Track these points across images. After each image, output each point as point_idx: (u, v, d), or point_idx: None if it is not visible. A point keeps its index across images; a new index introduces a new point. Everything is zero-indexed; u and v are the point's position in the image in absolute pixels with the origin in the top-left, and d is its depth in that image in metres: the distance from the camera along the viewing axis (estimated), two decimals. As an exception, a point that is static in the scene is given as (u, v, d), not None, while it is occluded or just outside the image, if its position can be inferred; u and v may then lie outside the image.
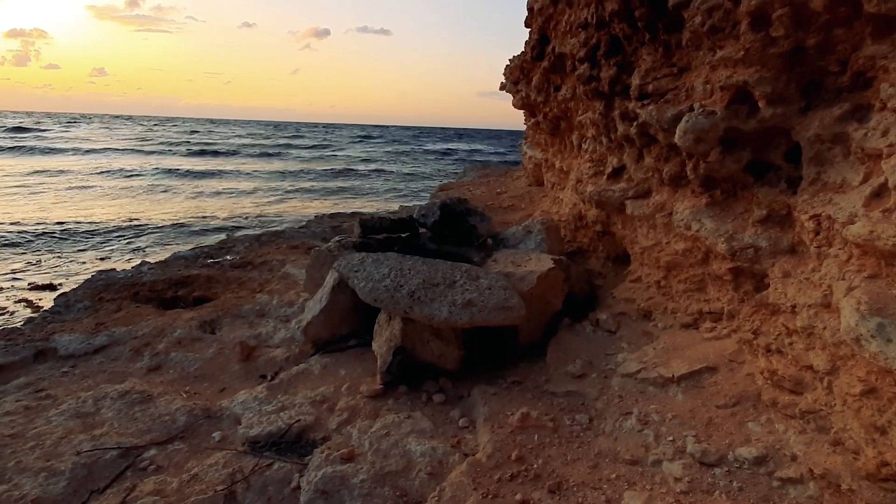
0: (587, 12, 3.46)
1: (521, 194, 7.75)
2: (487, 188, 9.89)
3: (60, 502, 2.35)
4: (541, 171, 7.51)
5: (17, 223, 10.87)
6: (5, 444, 2.70)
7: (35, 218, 11.45)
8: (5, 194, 14.43)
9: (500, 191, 8.64)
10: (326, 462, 2.40)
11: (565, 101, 4.60)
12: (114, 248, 9.52)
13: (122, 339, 4.26)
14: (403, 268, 3.24)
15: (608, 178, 3.65)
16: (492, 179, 11.91)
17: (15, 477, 2.44)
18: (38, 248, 9.25)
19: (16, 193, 14.72)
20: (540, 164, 7.25)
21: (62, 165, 21.64)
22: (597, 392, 2.63)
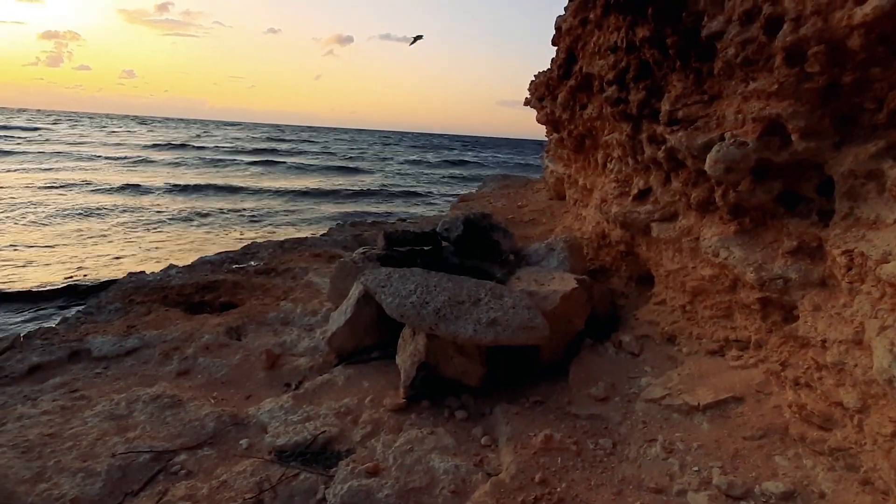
0: (617, 36, 3.50)
1: (542, 208, 7.76)
2: (508, 200, 9.92)
3: (97, 503, 2.44)
4: (562, 186, 7.52)
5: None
6: (45, 443, 2.81)
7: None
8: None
9: (521, 204, 8.67)
10: (352, 475, 2.46)
11: (591, 120, 4.63)
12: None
13: (153, 343, 4.38)
14: (429, 284, 3.29)
15: (634, 199, 3.67)
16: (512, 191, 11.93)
17: (55, 476, 2.53)
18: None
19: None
20: (562, 178, 7.27)
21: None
22: (620, 416, 2.64)
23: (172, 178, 20.71)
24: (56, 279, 8.07)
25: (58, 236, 10.71)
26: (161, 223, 12.84)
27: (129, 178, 19.54)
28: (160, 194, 17.13)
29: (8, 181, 17.50)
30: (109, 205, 14.40)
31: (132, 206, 14.71)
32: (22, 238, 10.33)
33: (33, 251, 9.48)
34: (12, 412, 3.22)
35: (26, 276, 8.08)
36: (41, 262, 8.93)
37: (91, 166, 23.27)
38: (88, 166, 23.23)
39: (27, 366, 3.92)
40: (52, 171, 20.61)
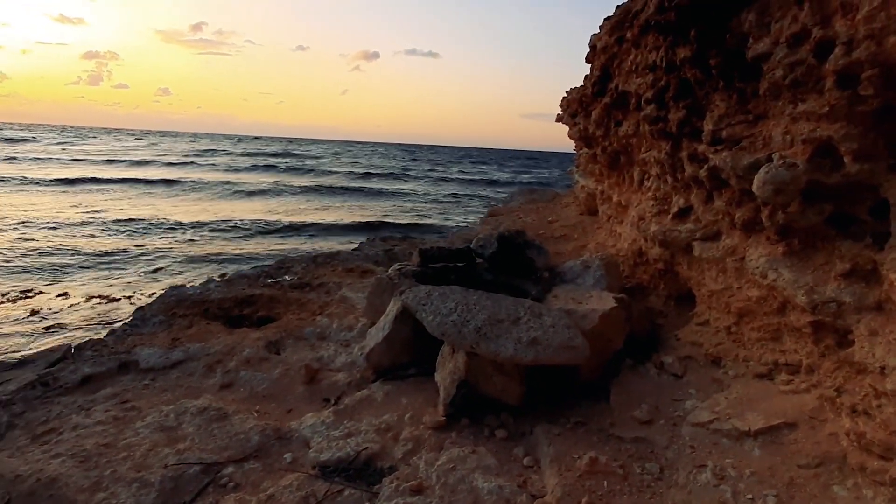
0: (656, 55, 3.51)
1: (574, 223, 7.73)
2: (538, 215, 9.90)
3: (151, 513, 2.52)
4: (594, 201, 7.48)
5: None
6: (101, 453, 2.92)
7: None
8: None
9: (551, 219, 8.64)
10: (396, 493, 2.48)
11: (626, 137, 4.62)
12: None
13: (196, 356, 4.51)
14: (469, 302, 3.32)
15: (673, 217, 3.64)
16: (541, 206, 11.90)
17: (111, 486, 2.63)
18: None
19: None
20: (593, 194, 7.24)
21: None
22: (666, 440, 2.60)
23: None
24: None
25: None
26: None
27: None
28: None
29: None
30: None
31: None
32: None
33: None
34: (68, 422, 3.36)
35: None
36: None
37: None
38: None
39: (80, 376, 4.08)
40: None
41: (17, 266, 9.72)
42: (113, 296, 8.36)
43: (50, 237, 12.16)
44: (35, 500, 2.51)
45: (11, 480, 2.61)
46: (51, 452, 2.92)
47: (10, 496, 2.51)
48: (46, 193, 19.31)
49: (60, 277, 9.34)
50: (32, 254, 10.53)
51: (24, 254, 10.51)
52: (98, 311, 7.71)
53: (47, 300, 7.91)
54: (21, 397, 3.76)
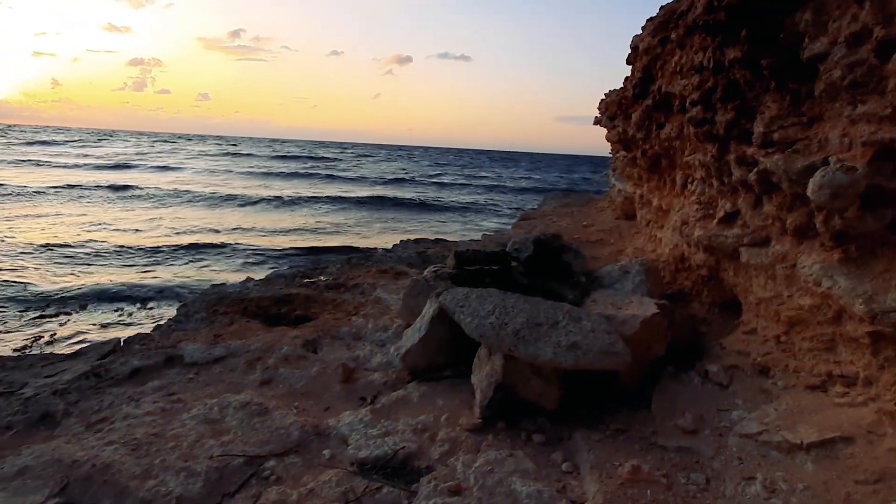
0: (703, 56, 3.43)
1: (610, 228, 7.61)
2: (572, 219, 9.79)
3: (198, 502, 2.60)
4: (631, 206, 7.35)
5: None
6: (151, 442, 3.04)
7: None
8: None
9: (586, 223, 8.54)
10: (435, 493, 2.49)
11: (669, 140, 4.53)
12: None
13: (237, 352, 4.64)
14: (506, 305, 3.31)
15: (719, 222, 3.54)
16: (575, 210, 11.76)
17: (161, 474, 2.73)
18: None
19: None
20: (631, 198, 7.11)
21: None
22: (712, 451, 2.53)
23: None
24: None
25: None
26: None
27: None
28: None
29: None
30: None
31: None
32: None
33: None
34: (119, 411, 3.51)
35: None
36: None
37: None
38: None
39: (129, 369, 4.25)
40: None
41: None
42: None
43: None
44: (91, 484, 2.63)
45: (69, 465, 2.75)
46: (104, 440, 3.06)
47: (68, 480, 2.64)
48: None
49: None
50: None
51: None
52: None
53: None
54: (76, 387, 3.94)
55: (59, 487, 2.59)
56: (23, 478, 2.69)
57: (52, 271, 10.84)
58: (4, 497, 2.52)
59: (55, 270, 10.94)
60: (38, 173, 30.02)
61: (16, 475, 2.72)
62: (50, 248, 12.40)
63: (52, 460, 2.80)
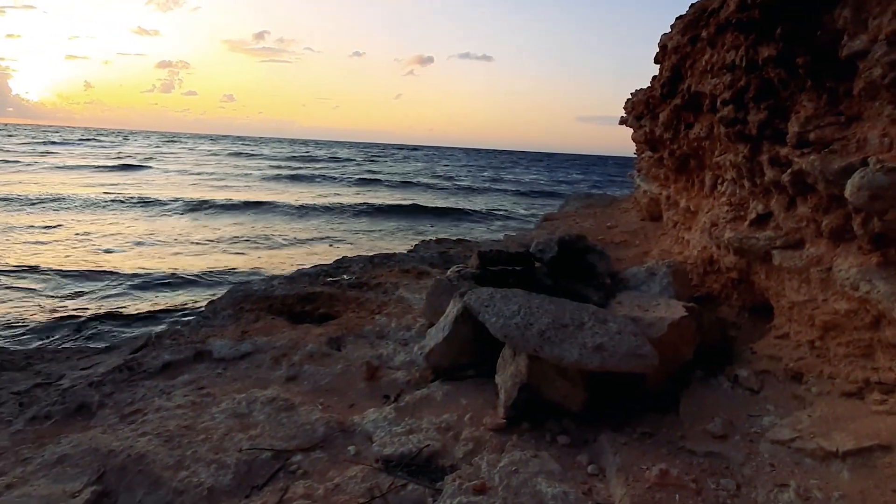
0: (735, 55, 3.37)
1: (635, 230, 7.51)
2: (595, 220, 9.68)
3: (228, 493, 2.66)
4: (657, 207, 7.24)
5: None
6: (182, 434, 3.12)
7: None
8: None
9: (610, 224, 8.44)
10: (459, 491, 2.50)
11: (698, 140, 4.45)
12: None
13: (263, 348, 4.72)
14: (531, 305, 3.30)
15: (751, 224, 3.47)
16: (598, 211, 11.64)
17: (193, 465, 2.80)
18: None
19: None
20: (656, 199, 7.00)
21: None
22: (743, 457, 2.48)
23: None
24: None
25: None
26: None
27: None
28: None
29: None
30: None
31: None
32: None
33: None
34: (151, 404, 3.61)
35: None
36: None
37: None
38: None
39: (161, 363, 4.36)
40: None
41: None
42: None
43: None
44: (126, 473, 2.72)
45: (105, 455, 2.84)
46: (138, 431, 3.15)
47: (104, 469, 2.73)
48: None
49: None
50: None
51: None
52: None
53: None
54: (110, 379, 4.07)
55: (97, 476, 2.68)
56: (62, 465, 2.79)
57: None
58: (46, 483, 2.62)
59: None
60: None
61: (56, 462, 2.82)
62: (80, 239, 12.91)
63: (90, 449, 2.90)
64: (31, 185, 22.89)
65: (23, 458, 2.91)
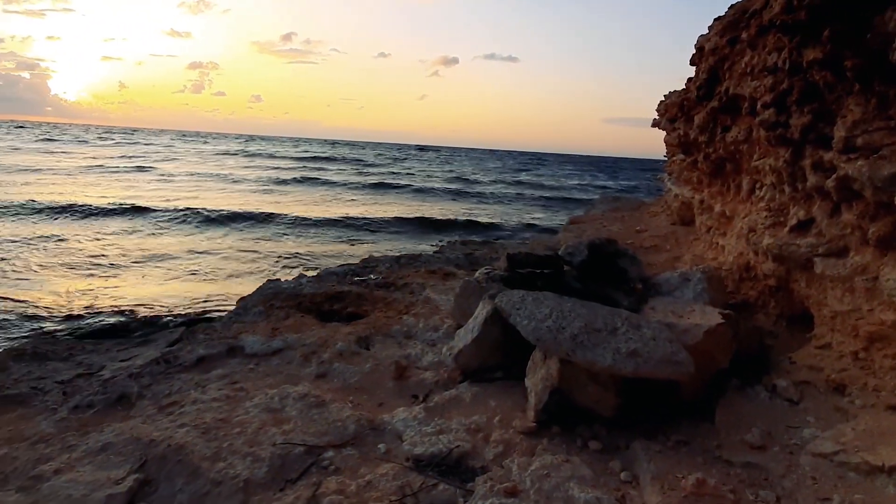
0: (777, 57, 3.29)
1: (665, 234, 7.38)
2: (623, 224, 9.57)
3: (263, 486, 2.71)
4: (688, 211, 7.11)
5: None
6: (218, 426, 3.19)
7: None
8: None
9: (639, 228, 8.32)
10: (491, 493, 2.50)
11: (735, 144, 4.36)
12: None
13: (294, 345, 4.80)
14: (563, 309, 3.29)
15: (791, 230, 3.38)
16: (626, 214, 11.49)
17: (229, 457, 2.87)
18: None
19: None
20: (689, 203, 6.87)
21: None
22: (783, 469, 2.42)
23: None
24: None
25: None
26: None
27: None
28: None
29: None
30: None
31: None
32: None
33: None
34: (187, 396, 3.70)
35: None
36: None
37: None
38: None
39: (195, 357, 4.47)
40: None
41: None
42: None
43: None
44: (166, 463, 2.80)
45: (147, 444, 2.93)
46: (177, 422, 3.24)
47: (146, 458, 2.82)
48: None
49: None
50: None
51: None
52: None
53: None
54: (148, 371, 4.19)
55: (139, 464, 2.77)
56: (106, 453, 2.90)
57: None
58: (91, 469, 2.73)
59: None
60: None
61: (100, 450, 2.93)
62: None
63: (132, 438, 3.00)
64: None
65: (68, 445, 3.02)
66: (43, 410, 3.60)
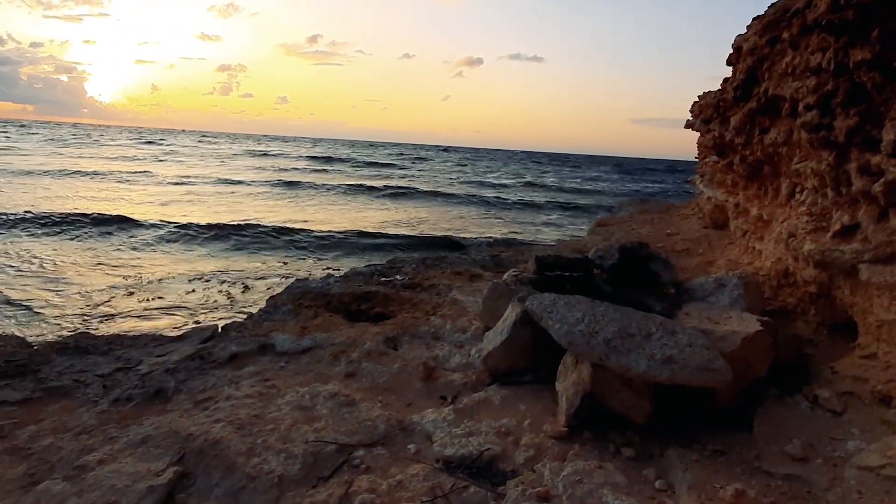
0: (821, 57, 3.19)
1: (697, 237, 7.23)
2: (653, 227, 9.40)
3: (296, 482, 2.76)
4: (722, 214, 6.95)
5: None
6: (252, 422, 3.26)
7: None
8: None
9: (669, 231, 8.16)
10: (523, 497, 2.49)
11: (774, 146, 4.24)
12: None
13: (323, 344, 4.86)
14: (596, 313, 3.25)
15: (834, 235, 3.27)
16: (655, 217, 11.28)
17: (263, 453, 2.92)
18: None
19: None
20: (722, 206, 6.72)
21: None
22: (827, 482, 2.34)
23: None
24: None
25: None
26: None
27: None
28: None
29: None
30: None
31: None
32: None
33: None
34: (221, 392, 3.79)
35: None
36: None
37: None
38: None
39: (228, 354, 4.57)
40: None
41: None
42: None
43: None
44: (203, 457, 2.87)
45: (185, 438, 3.01)
46: (212, 417, 3.32)
47: (184, 451, 2.90)
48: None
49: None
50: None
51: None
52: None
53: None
54: (183, 367, 4.30)
55: (178, 457, 2.85)
56: (146, 445, 2.99)
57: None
58: (133, 461, 2.81)
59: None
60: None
61: (140, 442, 3.02)
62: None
63: (170, 432, 3.08)
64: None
65: (110, 437, 3.13)
66: (85, 402, 3.73)
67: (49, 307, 8.43)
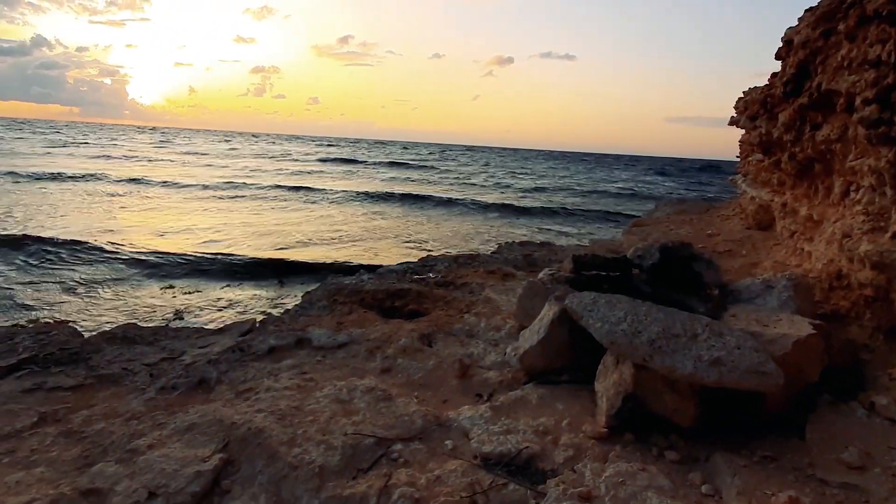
0: (881, 49, 3.04)
1: (740, 238, 6.99)
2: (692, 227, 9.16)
3: (337, 473, 2.79)
4: (766, 214, 6.71)
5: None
6: (293, 414, 3.32)
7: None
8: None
9: (710, 232, 7.93)
10: (564, 497, 2.45)
11: (827, 143, 4.06)
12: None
13: (358, 340, 4.92)
14: (638, 313, 3.18)
15: (894, 236, 3.11)
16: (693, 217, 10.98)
17: (304, 444, 2.97)
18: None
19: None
20: (767, 206, 6.48)
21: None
22: (886, 491, 2.23)
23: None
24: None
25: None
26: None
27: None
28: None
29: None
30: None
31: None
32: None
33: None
34: (261, 384, 3.87)
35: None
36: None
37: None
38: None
39: (267, 347, 4.67)
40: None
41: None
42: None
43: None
44: (247, 445, 2.94)
45: (229, 426, 3.09)
46: (254, 408, 3.40)
47: (228, 439, 2.98)
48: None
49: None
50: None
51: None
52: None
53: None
54: (225, 358, 4.42)
55: (223, 445, 2.92)
56: (192, 432, 3.08)
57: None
58: (180, 447, 2.91)
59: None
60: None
61: (186, 429, 3.12)
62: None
63: (215, 420, 3.17)
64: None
65: (158, 423, 3.24)
66: (133, 390, 3.88)
67: (99, 299, 8.81)
